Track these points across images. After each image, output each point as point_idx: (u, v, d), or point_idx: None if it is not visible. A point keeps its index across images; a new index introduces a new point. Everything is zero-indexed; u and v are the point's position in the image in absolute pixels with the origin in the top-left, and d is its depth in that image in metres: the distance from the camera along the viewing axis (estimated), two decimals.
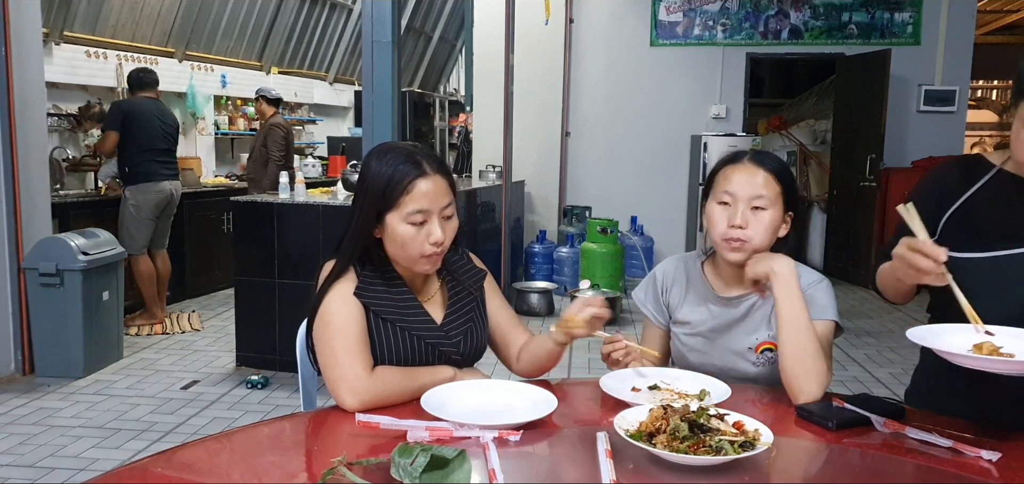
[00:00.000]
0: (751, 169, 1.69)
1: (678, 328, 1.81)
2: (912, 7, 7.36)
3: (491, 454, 1.21)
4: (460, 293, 1.72)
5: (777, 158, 1.76)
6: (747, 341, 1.72)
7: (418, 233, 1.55)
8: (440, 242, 1.56)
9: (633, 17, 7.61)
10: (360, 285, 1.59)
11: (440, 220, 1.57)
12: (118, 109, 5.29)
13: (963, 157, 1.74)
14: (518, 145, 6.70)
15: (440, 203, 1.56)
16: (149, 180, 5.28)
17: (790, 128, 8.75)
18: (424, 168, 1.55)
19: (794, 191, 1.74)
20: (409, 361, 1.62)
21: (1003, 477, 1.24)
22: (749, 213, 1.67)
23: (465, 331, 1.69)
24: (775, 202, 1.68)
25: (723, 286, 1.77)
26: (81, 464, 3.22)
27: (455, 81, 12.87)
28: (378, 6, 4.12)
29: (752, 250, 1.68)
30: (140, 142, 5.23)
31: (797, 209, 1.75)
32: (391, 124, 4.19)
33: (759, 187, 1.67)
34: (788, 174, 1.73)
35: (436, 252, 1.57)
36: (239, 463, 1.33)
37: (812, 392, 1.53)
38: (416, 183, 1.54)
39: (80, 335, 4.25)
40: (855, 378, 4.58)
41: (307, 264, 4.19)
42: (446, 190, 1.58)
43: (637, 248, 6.93)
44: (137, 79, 5.42)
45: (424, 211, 1.54)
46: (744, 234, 1.66)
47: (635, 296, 1.92)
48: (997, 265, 1.50)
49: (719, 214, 1.70)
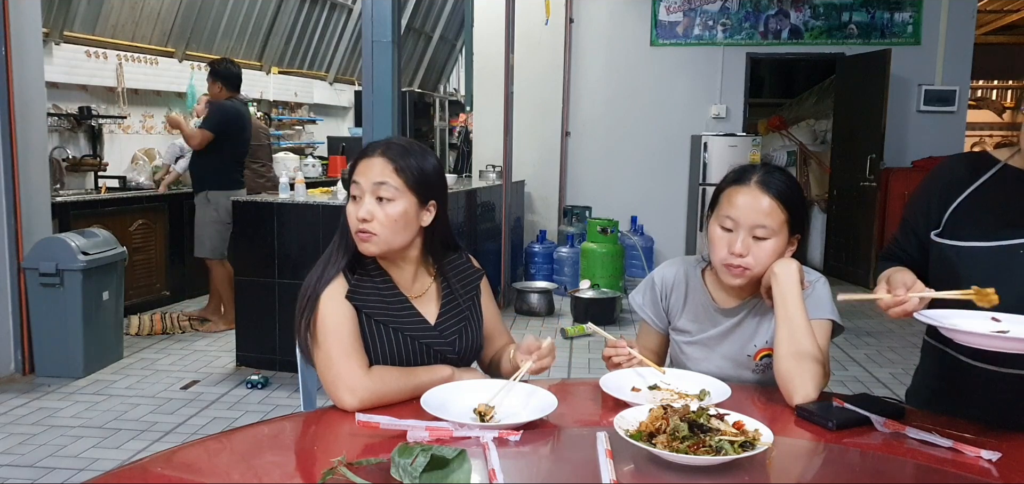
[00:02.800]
0: (756, 194, 1.61)
1: (678, 335, 1.80)
2: (912, 7, 7.36)
3: (491, 454, 1.21)
4: (454, 292, 1.73)
5: (786, 178, 1.67)
6: (747, 349, 1.71)
7: (354, 210, 1.59)
8: (364, 220, 1.57)
9: (633, 17, 7.61)
10: (351, 289, 1.60)
11: (371, 198, 1.58)
12: (222, 112, 5.15)
13: (969, 153, 1.75)
14: (518, 145, 6.70)
15: (371, 179, 1.58)
16: (236, 187, 5.22)
17: (790, 128, 8.75)
18: (371, 151, 1.62)
19: (802, 213, 1.66)
20: (404, 362, 1.63)
21: (1003, 477, 1.24)
22: (751, 241, 1.61)
23: (459, 330, 1.71)
24: (779, 231, 1.62)
25: (724, 297, 1.75)
26: (81, 464, 3.22)
27: (455, 81, 12.87)
28: (378, 6, 4.12)
29: (752, 277, 1.64)
30: (236, 148, 5.22)
31: (805, 230, 1.70)
32: (391, 124, 4.19)
33: (763, 216, 1.60)
34: (796, 196, 1.65)
35: (361, 229, 1.58)
36: (239, 463, 1.33)
37: (807, 392, 1.52)
38: (359, 163, 1.61)
39: (80, 335, 4.25)
40: (855, 378, 4.58)
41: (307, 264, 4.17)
42: (384, 171, 1.58)
43: (637, 248, 6.93)
44: (233, 77, 5.25)
45: (357, 185, 1.60)
46: (744, 262, 1.61)
47: (632, 300, 1.89)
48: (999, 253, 1.51)
49: (720, 239, 1.64)
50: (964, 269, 1.51)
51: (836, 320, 1.67)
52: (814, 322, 1.62)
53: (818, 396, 1.53)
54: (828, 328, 1.66)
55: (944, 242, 1.58)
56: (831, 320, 1.66)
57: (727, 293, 1.74)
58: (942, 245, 1.58)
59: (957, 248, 1.55)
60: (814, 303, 1.65)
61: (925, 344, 1.76)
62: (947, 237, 1.57)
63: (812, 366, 1.54)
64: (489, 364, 1.81)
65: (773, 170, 1.69)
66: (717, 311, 1.74)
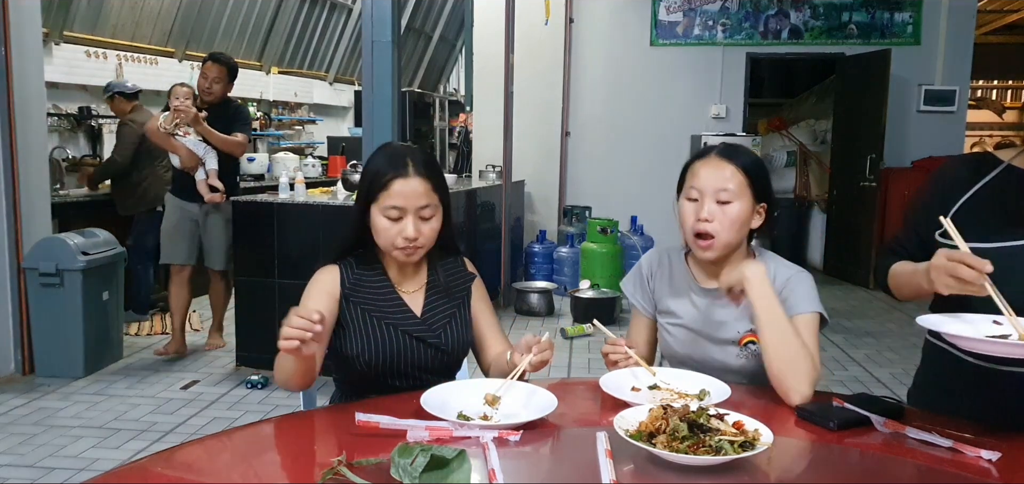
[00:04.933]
0: (717, 163, 1.70)
1: (663, 318, 1.84)
2: (912, 7, 7.36)
3: (491, 454, 1.21)
4: (444, 289, 1.80)
5: (747, 152, 1.76)
6: (730, 334, 1.73)
7: (392, 227, 1.67)
8: (411, 238, 1.66)
9: (633, 17, 7.61)
10: (343, 272, 1.72)
11: (415, 219, 1.66)
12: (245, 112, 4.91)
13: (971, 154, 1.75)
14: (518, 145, 6.70)
15: (416, 203, 1.66)
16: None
17: (790, 128, 8.75)
18: (407, 169, 1.67)
19: (764, 182, 1.73)
20: (390, 351, 1.70)
21: (1003, 477, 1.24)
22: (715, 206, 1.67)
23: (445, 324, 1.76)
24: (740, 194, 1.68)
25: (705, 278, 1.79)
26: (81, 464, 3.22)
27: (455, 81, 12.87)
28: (378, 6, 4.12)
29: (722, 246, 1.69)
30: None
31: (770, 200, 1.74)
32: (391, 124, 4.19)
33: (725, 181, 1.67)
34: (757, 167, 1.73)
35: (408, 246, 1.68)
36: (239, 463, 1.33)
37: (803, 391, 1.53)
38: (395, 181, 1.65)
39: (80, 335, 4.25)
40: (855, 378, 4.58)
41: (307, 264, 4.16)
42: (426, 192, 1.67)
43: (637, 248, 6.92)
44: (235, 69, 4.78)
45: (399, 208, 1.66)
46: (711, 228, 1.67)
47: (623, 287, 1.95)
48: (1002, 254, 1.51)
49: (688, 210, 1.72)
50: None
51: (821, 312, 1.70)
52: (800, 317, 1.64)
53: (813, 392, 1.54)
54: (814, 321, 1.67)
55: (947, 243, 1.58)
56: (817, 313, 1.68)
57: (707, 274, 1.78)
58: (945, 246, 1.58)
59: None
60: (799, 297, 1.67)
61: (926, 344, 1.76)
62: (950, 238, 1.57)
63: (804, 363, 1.55)
64: (489, 368, 1.83)
65: (734, 144, 1.77)
66: (700, 292, 1.78)
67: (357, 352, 1.70)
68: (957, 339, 1.37)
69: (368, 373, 1.71)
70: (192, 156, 4.49)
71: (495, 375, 1.77)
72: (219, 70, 4.61)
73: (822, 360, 1.63)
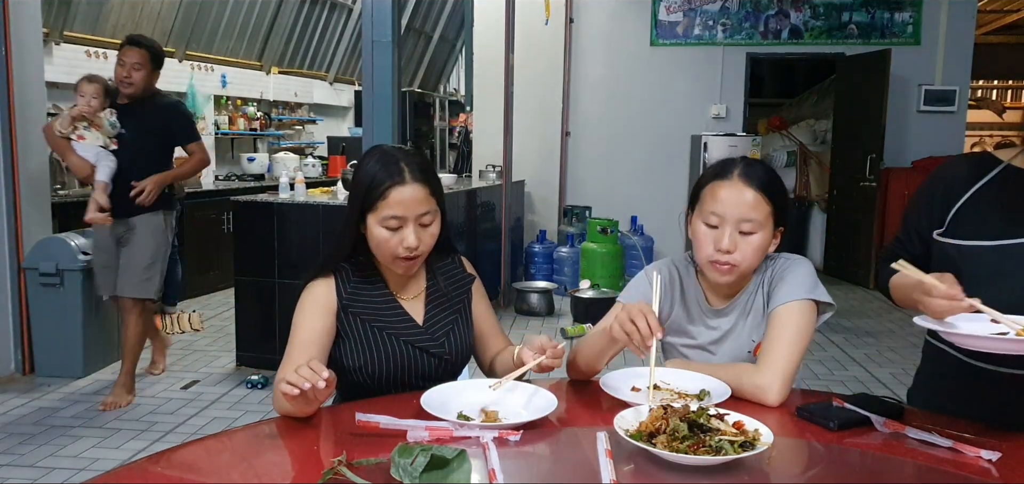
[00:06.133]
0: (740, 187, 1.60)
1: (676, 338, 1.79)
2: (912, 7, 7.36)
3: (491, 454, 1.21)
4: (444, 294, 1.75)
5: (767, 169, 1.67)
6: (746, 345, 1.71)
7: (392, 237, 1.60)
8: (413, 247, 1.60)
9: (633, 17, 7.61)
10: (339, 282, 1.65)
11: (416, 227, 1.60)
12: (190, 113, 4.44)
13: (971, 154, 1.75)
14: (518, 145, 6.70)
15: (416, 211, 1.60)
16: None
17: (790, 128, 8.74)
18: (404, 176, 1.59)
19: (785, 204, 1.66)
20: (393, 363, 1.66)
21: (1003, 477, 1.24)
22: (738, 236, 1.59)
23: (448, 331, 1.72)
24: (765, 223, 1.61)
25: (718, 298, 1.74)
26: (81, 464, 3.22)
27: (455, 81, 12.87)
28: (378, 6, 4.12)
29: (741, 274, 1.64)
30: None
31: (788, 222, 1.69)
32: (391, 124, 4.19)
33: (749, 209, 1.59)
34: (778, 187, 1.65)
35: (409, 256, 1.61)
36: (239, 463, 1.33)
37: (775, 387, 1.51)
38: (392, 190, 1.58)
39: (80, 335, 4.25)
40: (855, 378, 4.58)
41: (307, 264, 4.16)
42: (425, 198, 1.60)
43: (637, 248, 6.92)
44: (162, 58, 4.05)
45: (399, 218, 1.59)
46: (732, 259, 1.60)
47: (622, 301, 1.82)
48: (1002, 253, 1.51)
49: (706, 236, 1.62)
50: (967, 268, 1.51)
51: (819, 299, 1.64)
52: (792, 304, 1.61)
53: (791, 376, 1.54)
54: (805, 307, 1.62)
55: (947, 241, 1.58)
56: (807, 300, 1.63)
57: (718, 294, 1.74)
58: (945, 244, 1.58)
59: (959, 247, 1.55)
60: (793, 285, 1.64)
61: (926, 344, 1.76)
62: (950, 236, 1.58)
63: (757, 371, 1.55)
64: (489, 368, 1.81)
65: (753, 162, 1.67)
66: (712, 313, 1.74)
67: (359, 364, 1.65)
68: (957, 338, 1.37)
69: (370, 384, 1.67)
70: (83, 164, 3.71)
71: (497, 373, 1.76)
72: (140, 55, 3.79)
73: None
